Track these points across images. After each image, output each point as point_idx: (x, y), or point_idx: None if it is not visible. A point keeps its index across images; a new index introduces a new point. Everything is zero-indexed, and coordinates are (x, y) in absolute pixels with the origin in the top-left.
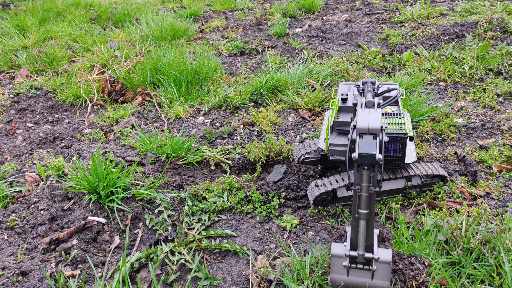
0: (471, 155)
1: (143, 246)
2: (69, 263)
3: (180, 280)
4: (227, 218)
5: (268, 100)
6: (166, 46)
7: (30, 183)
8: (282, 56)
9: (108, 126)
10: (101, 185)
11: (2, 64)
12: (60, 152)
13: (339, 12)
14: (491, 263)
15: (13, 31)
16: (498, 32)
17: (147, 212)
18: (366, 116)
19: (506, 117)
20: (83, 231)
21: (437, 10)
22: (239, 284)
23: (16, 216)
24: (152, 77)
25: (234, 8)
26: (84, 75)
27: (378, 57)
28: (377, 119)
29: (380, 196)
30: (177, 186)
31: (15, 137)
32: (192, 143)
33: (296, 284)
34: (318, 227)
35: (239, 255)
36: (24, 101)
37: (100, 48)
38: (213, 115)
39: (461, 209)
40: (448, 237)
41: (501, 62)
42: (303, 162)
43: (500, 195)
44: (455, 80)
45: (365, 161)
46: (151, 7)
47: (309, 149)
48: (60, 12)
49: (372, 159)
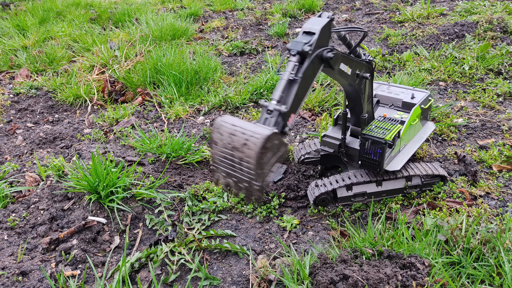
0: (471, 155)
1: (143, 246)
2: (69, 263)
3: (180, 280)
4: (227, 218)
5: (268, 100)
6: (166, 46)
7: (30, 183)
8: (282, 56)
9: (108, 126)
10: (101, 185)
11: (2, 64)
12: (60, 152)
13: (339, 12)
14: (491, 263)
15: (13, 31)
16: (498, 32)
17: (147, 212)
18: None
19: (506, 117)
20: (83, 231)
21: (437, 10)
22: (239, 284)
23: (16, 216)
24: (152, 77)
25: (234, 8)
26: (84, 75)
27: (378, 57)
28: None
29: (380, 196)
30: (177, 186)
31: (15, 137)
32: (192, 143)
33: (296, 284)
34: (318, 227)
35: (239, 255)
36: (24, 101)
37: (100, 48)
38: (213, 115)
39: (461, 209)
40: (448, 237)
41: (501, 62)
42: (303, 162)
43: (500, 195)
44: (455, 80)
45: (292, 47)
46: (151, 7)
47: (309, 149)
48: (60, 12)
49: (298, 45)
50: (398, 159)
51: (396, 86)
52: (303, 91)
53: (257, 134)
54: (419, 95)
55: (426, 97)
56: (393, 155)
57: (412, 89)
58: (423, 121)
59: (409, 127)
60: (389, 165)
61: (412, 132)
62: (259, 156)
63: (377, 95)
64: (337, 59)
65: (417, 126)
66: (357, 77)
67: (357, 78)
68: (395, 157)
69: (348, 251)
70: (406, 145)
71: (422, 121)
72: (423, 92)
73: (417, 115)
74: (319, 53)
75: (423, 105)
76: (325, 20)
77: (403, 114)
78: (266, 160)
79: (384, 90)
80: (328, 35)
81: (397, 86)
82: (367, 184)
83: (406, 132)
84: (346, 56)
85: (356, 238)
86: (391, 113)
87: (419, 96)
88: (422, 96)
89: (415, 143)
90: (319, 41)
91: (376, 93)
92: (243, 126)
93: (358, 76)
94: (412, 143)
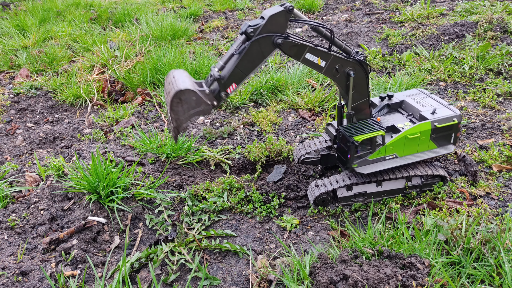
0: (471, 155)
1: (143, 246)
2: (69, 263)
3: (180, 280)
4: (227, 218)
5: (268, 100)
6: (166, 46)
7: (30, 183)
8: (282, 56)
9: (108, 126)
10: (101, 185)
11: (2, 64)
12: (60, 152)
13: (339, 12)
14: (491, 263)
15: (13, 31)
16: (498, 32)
17: (147, 212)
18: (271, 8)
19: (506, 117)
20: (83, 231)
21: (437, 10)
22: (239, 284)
23: (16, 216)
24: (152, 77)
25: (234, 8)
26: (84, 75)
27: (378, 57)
28: (270, 12)
29: (380, 196)
30: (177, 186)
31: (15, 137)
32: (192, 143)
33: (296, 284)
34: (318, 227)
35: (239, 255)
36: (24, 101)
37: (100, 48)
38: (213, 115)
39: (461, 209)
40: (448, 237)
41: (501, 62)
42: (303, 162)
43: (500, 195)
44: (455, 80)
45: (242, 27)
46: (151, 7)
47: (309, 149)
48: (60, 12)
49: (245, 26)
50: (374, 165)
51: (433, 98)
52: (246, 66)
53: (175, 86)
54: (442, 112)
55: (448, 117)
56: (370, 158)
57: (445, 105)
58: (441, 142)
59: (404, 139)
60: (361, 167)
61: (412, 146)
62: (172, 104)
63: (404, 101)
64: (289, 47)
65: (423, 142)
66: (337, 71)
67: (336, 72)
68: (373, 162)
69: (348, 251)
70: (399, 157)
71: (438, 141)
72: (451, 111)
73: (423, 131)
74: (272, 38)
75: (438, 123)
76: (278, 9)
77: (411, 126)
78: (181, 109)
79: (415, 98)
80: (283, 23)
81: (434, 99)
82: (367, 184)
83: (397, 144)
84: (310, 47)
85: (356, 238)
86: (401, 121)
87: (441, 113)
88: (444, 115)
89: (411, 158)
90: (267, 26)
91: (404, 100)
92: (176, 78)
93: (338, 71)
94: (409, 157)
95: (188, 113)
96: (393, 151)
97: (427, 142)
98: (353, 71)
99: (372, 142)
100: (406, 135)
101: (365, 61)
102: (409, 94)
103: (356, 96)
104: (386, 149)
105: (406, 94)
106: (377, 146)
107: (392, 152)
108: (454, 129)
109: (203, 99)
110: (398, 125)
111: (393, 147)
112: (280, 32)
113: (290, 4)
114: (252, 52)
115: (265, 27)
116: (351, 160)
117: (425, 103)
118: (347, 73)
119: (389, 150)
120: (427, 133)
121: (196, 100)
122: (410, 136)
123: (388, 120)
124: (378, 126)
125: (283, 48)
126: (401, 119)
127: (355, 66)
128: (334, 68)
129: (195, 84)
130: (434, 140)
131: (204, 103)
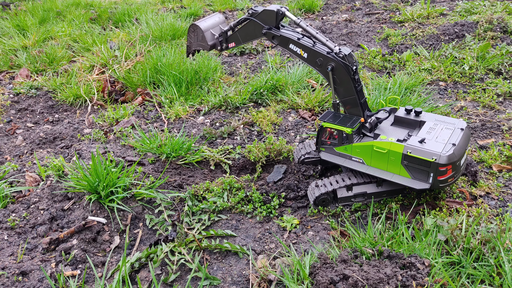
0: (471, 155)
1: (143, 246)
2: (69, 263)
3: (180, 280)
4: (227, 218)
5: (268, 100)
6: (166, 46)
7: (30, 183)
8: (282, 56)
9: (108, 126)
10: (101, 185)
11: (2, 64)
12: (60, 152)
13: (339, 12)
14: (491, 263)
15: (13, 31)
16: (498, 32)
17: (147, 212)
18: (270, 5)
19: (506, 117)
20: (83, 231)
21: (437, 10)
22: (239, 284)
23: (16, 216)
24: (152, 77)
25: (234, 8)
26: (84, 75)
27: (378, 57)
28: (263, 8)
29: (380, 196)
30: (177, 186)
31: (15, 137)
32: (192, 143)
33: (296, 284)
34: (318, 227)
35: (239, 255)
36: (24, 101)
37: (100, 48)
38: (213, 115)
39: (461, 209)
40: (448, 237)
41: (501, 62)
42: (303, 162)
43: (500, 195)
44: (455, 80)
45: (250, 10)
46: (151, 7)
47: (309, 149)
48: (60, 12)
49: (251, 11)
50: (338, 158)
51: (455, 134)
52: (243, 36)
53: (197, 21)
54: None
55: (427, 151)
56: (336, 150)
57: (452, 142)
58: (416, 174)
59: (370, 148)
60: (326, 153)
61: (380, 161)
62: (189, 30)
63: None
64: (271, 37)
65: (393, 163)
66: (319, 64)
67: (319, 65)
68: (339, 155)
69: (348, 251)
70: (366, 165)
71: (412, 172)
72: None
73: (392, 151)
74: (261, 26)
75: (410, 151)
76: (273, 8)
77: (394, 138)
78: (192, 37)
79: (436, 126)
80: (272, 19)
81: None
82: (367, 185)
83: (364, 150)
84: (291, 39)
85: (356, 238)
86: (394, 135)
87: (426, 146)
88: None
89: (379, 173)
90: (260, 15)
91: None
92: (205, 17)
93: (321, 64)
94: (378, 171)
95: (196, 42)
96: (359, 155)
97: (398, 166)
98: (332, 66)
99: (339, 135)
100: (373, 146)
101: (344, 60)
102: (442, 120)
103: (343, 92)
104: (352, 149)
105: (438, 118)
106: (343, 141)
107: (358, 156)
108: (431, 168)
109: (205, 39)
110: (382, 136)
111: (359, 150)
112: (270, 23)
113: (284, 10)
114: (249, 28)
115: (259, 15)
116: (319, 143)
117: (437, 134)
118: (326, 67)
119: (355, 151)
120: (398, 155)
121: (202, 38)
122: (376, 149)
123: (388, 130)
124: (350, 124)
125: (267, 36)
126: (397, 134)
127: (336, 62)
128: (315, 61)
129: (210, 28)
130: (406, 168)
131: (205, 43)
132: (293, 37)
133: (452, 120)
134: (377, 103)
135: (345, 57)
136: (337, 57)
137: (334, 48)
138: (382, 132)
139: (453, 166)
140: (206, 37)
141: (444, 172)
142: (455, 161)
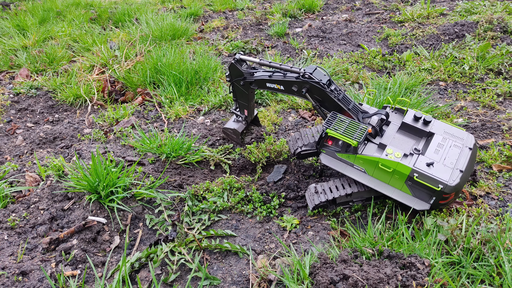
0: None
1: (143, 246)
2: (69, 263)
3: (180, 280)
4: (227, 218)
5: (268, 100)
6: (166, 46)
7: (30, 183)
8: (282, 56)
9: (108, 126)
10: (101, 185)
11: (2, 64)
12: (60, 152)
13: (339, 12)
14: (491, 263)
15: (13, 31)
16: (498, 32)
17: (147, 212)
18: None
19: (506, 117)
20: (83, 231)
21: (437, 10)
22: (239, 284)
23: (16, 216)
24: (152, 77)
25: (234, 8)
26: (84, 75)
27: (378, 57)
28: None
29: (380, 198)
30: (177, 186)
31: (15, 137)
32: (192, 143)
33: (296, 284)
34: (318, 227)
35: (239, 255)
36: (24, 101)
37: (100, 48)
38: (213, 115)
39: (461, 209)
40: (448, 237)
41: (501, 62)
42: (299, 155)
43: (500, 195)
44: (455, 80)
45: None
46: (151, 7)
47: (307, 140)
48: (60, 12)
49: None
50: (338, 164)
51: (463, 152)
52: (240, 98)
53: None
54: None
55: (434, 179)
56: (338, 155)
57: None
58: (418, 194)
59: (375, 163)
60: (326, 156)
61: (383, 175)
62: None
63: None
64: (249, 85)
65: (397, 180)
66: (296, 91)
67: (296, 92)
68: (340, 161)
69: (348, 251)
70: (367, 175)
71: (415, 191)
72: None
73: (398, 171)
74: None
75: (417, 176)
76: (232, 60)
77: (395, 159)
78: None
79: (440, 128)
80: (238, 70)
81: (463, 153)
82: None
83: (368, 162)
84: (265, 79)
85: (356, 238)
86: (400, 147)
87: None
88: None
89: (380, 186)
90: (231, 73)
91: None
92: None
93: (297, 91)
94: (379, 183)
95: (232, 137)
96: (362, 165)
97: (401, 184)
98: (307, 88)
99: (344, 144)
100: (379, 162)
101: (311, 78)
102: (451, 133)
103: (328, 106)
104: (355, 159)
105: (447, 130)
106: (348, 150)
107: (361, 166)
108: (435, 193)
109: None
110: (388, 150)
111: (362, 161)
112: (240, 74)
113: (238, 56)
114: (236, 89)
115: (230, 74)
116: (320, 144)
117: (445, 153)
118: (301, 91)
119: (358, 161)
120: (403, 175)
121: (233, 133)
122: (381, 166)
123: (394, 139)
124: (356, 135)
125: (245, 87)
126: (403, 146)
127: (307, 83)
128: (291, 89)
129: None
130: (410, 187)
131: (237, 137)
132: (265, 76)
133: (461, 134)
134: (377, 103)
135: (311, 75)
136: (305, 79)
137: (300, 71)
138: (388, 140)
139: (456, 193)
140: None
141: (447, 198)
142: (460, 189)
